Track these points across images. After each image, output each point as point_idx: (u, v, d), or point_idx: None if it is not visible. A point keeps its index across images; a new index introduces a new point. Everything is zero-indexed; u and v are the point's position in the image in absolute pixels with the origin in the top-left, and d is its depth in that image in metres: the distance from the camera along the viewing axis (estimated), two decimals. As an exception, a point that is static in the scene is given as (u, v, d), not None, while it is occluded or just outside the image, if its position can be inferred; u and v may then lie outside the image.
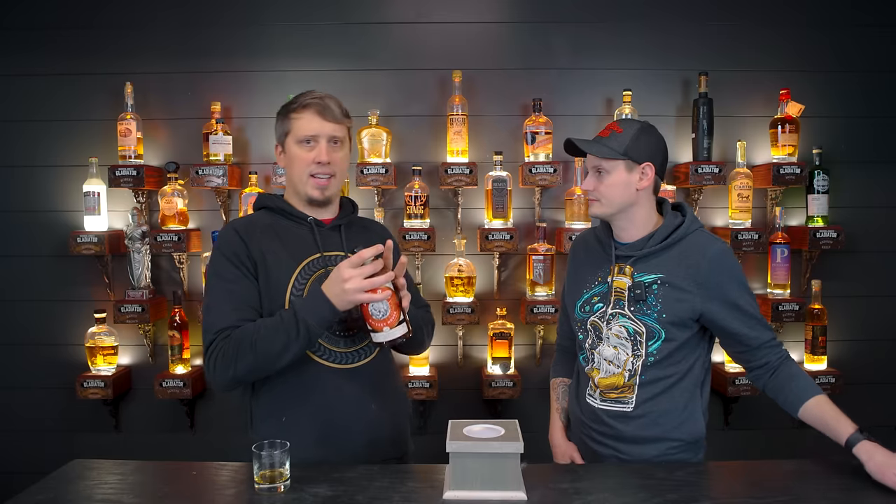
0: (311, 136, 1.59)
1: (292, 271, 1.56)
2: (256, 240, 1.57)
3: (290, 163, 1.62)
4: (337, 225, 1.67)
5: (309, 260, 1.59)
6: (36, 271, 2.79)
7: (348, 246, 1.61)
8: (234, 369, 1.46)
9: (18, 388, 2.81)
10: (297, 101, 1.62)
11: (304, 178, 1.60)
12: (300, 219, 1.64)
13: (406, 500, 1.33)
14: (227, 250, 1.56)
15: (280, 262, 1.56)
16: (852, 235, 2.74)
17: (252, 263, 1.56)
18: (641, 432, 1.60)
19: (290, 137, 1.61)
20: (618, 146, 1.58)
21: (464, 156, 2.67)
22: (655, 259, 1.60)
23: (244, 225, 1.61)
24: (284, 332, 1.44)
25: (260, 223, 1.62)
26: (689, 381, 1.61)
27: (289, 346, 1.44)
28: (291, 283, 1.55)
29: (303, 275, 1.57)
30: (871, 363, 2.81)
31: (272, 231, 1.60)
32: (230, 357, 1.46)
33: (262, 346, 1.44)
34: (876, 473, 1.38)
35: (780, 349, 1.59)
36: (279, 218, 1.64)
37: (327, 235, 1.64)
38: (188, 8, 2.74)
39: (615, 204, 1.61)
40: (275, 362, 1.46)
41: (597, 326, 1.65)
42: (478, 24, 2.76)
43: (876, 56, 2.76)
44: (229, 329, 1.49)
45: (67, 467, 1.51)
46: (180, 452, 2.75)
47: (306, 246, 1.61)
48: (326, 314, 1.45)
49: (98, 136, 2.74)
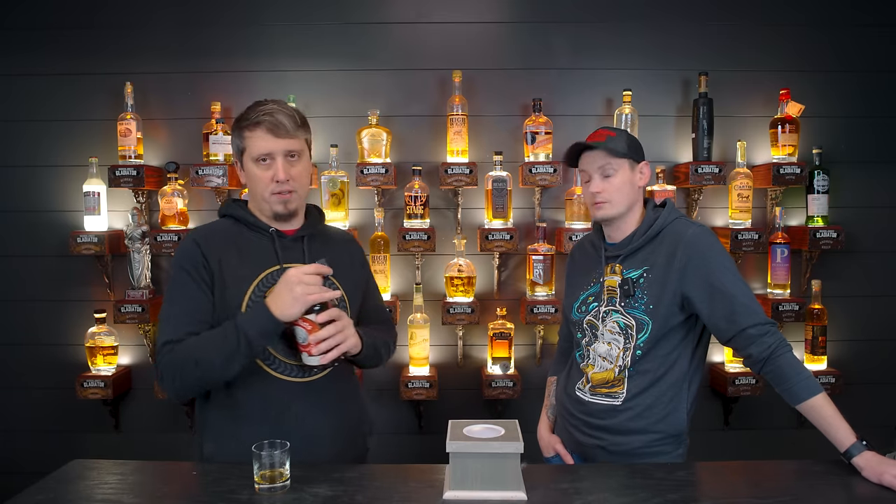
0: (265, 154, 1.55)
1: (249, 283, 1.55)
2: (215, 250, 1.56)
3: (250, 181, 1.59)
4: (300, 236, 1.64)
5: (267, 272, 1.57)
6: (36, 271, 2.79)
7: (310, 258, 1.60)
8: (181, 381, 1.47)
9: (19, 388, 2.81)
10: (248, 116, 1.56)
11: (266, 195, 1.57)
12: (262, 230, 1.61)
13: (406, 500, 1.33)
14: (185, 261, 1.55)
15: (237, 273, 1.55)
16: (852, 235, 2.74)
17: (209, 274, 1.54)
18: (627, 424, 1.64)
19: (247, 156, 1.57)
20: (618, 147, 1.63)
21: (464, 156, 2.67)
22: (641, 253, 1.66)
23: (204, 235, 1.60)
24: (226, 344, 1.44)
25: (220, 233, 1.61)
26: (675, 375, 1.64)
27: (231, 359, 1.44)
28: (248, 296, 1.54)
29: (260, 287, 1.55)
30: (871, 363, 2.81)
31: (232, 242, 1.59)
32: (175, 369, 1.47)
33: (204, 359, 1.45)
34: (873, 477, 1.40)
35: (772, 337, 1.54)
36: (242, 228, 1.62)
37: (288, 247, 1.62)
38: (188, 8, 2.74)
39: (623, 204, 1.66)
40: (220, 374, 1.47)
41: (593, 325, 1.70)
42: (478, 24, 2.76)
43: (875, 56, 2.76)
44: (174, 342, 1.48)
45: (67, 467, 1.51)
46: (180, 452, 2.75)
47: (266, 258, 1.59)
48: (268, 326, 1.44)
49: (98, 136, 2.74)
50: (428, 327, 2.68)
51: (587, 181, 1.69)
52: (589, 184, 1.68)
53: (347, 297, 1.65)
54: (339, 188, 2.62)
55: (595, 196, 1.66)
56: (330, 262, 1.51)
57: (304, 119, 1.62)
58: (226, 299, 1.54)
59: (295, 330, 1.49)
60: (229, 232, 1.61)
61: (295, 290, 1.43)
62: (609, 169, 1.63)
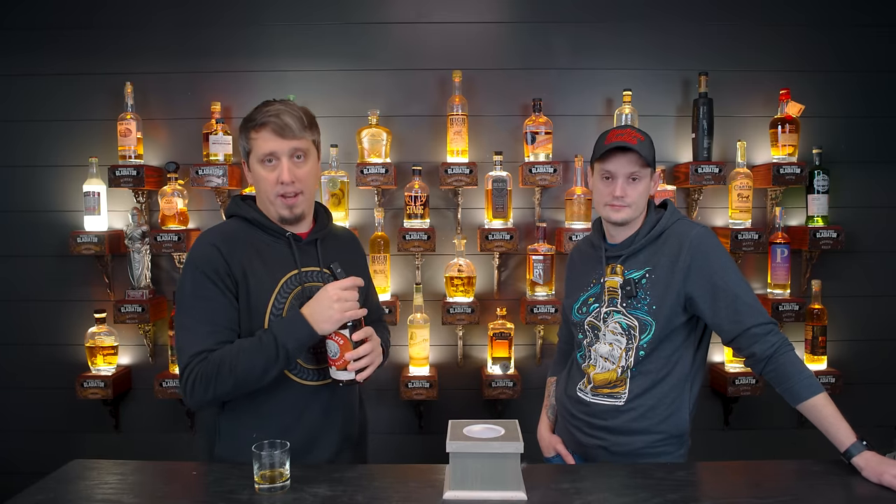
0: (270, 154, 1.53)
1: (272, 290, 1.54)
2: (238, 256, 1.53)
3: (257, 182, 1.58)
4: (313, 239, 1.64)
5: (287, 277, 1.57)
6: (36, 271, 2.79)
7: (324, 261, 1.60)
8: (214, 392, 1.45)
9: (19, 388, 2.81)
10: (254, 117, 1.54)
11: (272, 197, 1.55)
12: (278, 233, 1.59)
13: (406, 500, 1.33)
14: (207, 267, 1.50)
15: (261, 280, 1.54)
16: (852, 235, 2.74)
17: (233, 282, 1.51)
18: (630, 425, 1.64)
19: (252, 156, 1.56)
20: (647, 153, 1.63)
21: (464, 156, 2.67)
22: (643, 254, 1.66)
23: (223, 240, 1.55)
24: (264, 355, 1.44)
25: (239, 238, 1.57)
26: (677, 375, 1.64)
27: (268, 370, 1.45)
28: (271, 303, 1.54)
29: (282, 293, 1.55)
30: (871, 363, 2.81)
31: (252, 247, 1.56)
32: (209, 380, 1.44)
33: (241, 370, 1.44)
34: (873, 477, 1.40)
35: (775, 336, 1.55)
36: (256, 231, 1.59)
37: (304, 251, 1.61)
38: (188, 8, 2.74)
39: (640, 209, 1.67)
40: (256, 383, 1.47)
41: (594, 326, 1.70)
42: (478, 24, 2.76)
43: (875, 56, 2.76)
44: (206, 352, 1.46)
45: (67, 467, 1.52)
46: (180, 452, 2.75)
47: (285, 263, 1.58)
48: (305, 338, 1.46)
49: (98, 136, 2.74)
50: (428, 327, 2.68)
51: (608, 178, 1.65)
52: (611, 184, 1.64)
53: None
54: (339, 188, 2.63)
55: (616, 199, 1.63)
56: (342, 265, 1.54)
57: (313, 119, 1.60)
58: (251, 306, 1.52)
59: (327, 343, 1.51)
60: (246, 235, 1.58)
61: (334, 305, 1.45)
62: (637, 175, 1.63)
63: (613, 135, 1.65)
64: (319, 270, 1.61)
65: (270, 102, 1.57)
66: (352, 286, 1.49)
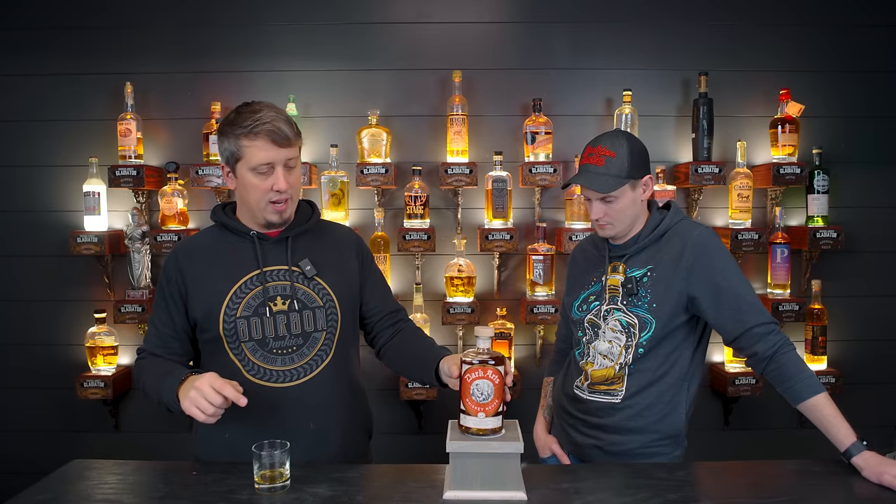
0: (266, 164, 1.50)
1: (226, 292, 1.55)
2: (196, 264, 1.59)
3: (245, 189, 1.54)
4: (283, 237, 1.60)
5: (246, 278, 1.56)
6: (36, 271, 2.79)
7: (293, 260, 1.59)
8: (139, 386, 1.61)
9: (18, 388, 2.81)
10: (245, 124, 1.50)
11: (262, 205, 1.54)
12: (243, 234, 1.60)
13: (406, 500, 1.33)
14: (163, 275, 1.62)
15: (216, 283, 1.55)
16: (852, 235, 2.74)
17: (178, 290, 1.59)
18: (626, 423, 1.64)
19: (242, 164, 1.51)
20: (619, 171, 1.60)
21: (464, 156, 2.67)
22: (645, 253, 1.66)
23: (185, 249, 1.63)
24: (156, 393, 1.50)
25: (202, 244, 1.63)
26: (675, 374, 1.64)
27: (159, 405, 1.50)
28: (225, 304, 1.54)
29: (238, 294, 1.55)
30: (871, 363, 2.81)
31: (211, 251, 1.60)
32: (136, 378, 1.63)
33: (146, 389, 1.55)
34: (873, 477, 1.40)
35: (777, 336, 1.55)
36: (226, 234, 1.61)
37: (270, 249, 1.59)
38: (188, 8, 2.74)
39: (626, 222, 1.66)
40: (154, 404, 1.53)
41: (594, 324, 1.70)
42: (478, 24, 2.76)
43: (876, 56, 2.76)
44: (146, 352, 1.63)
45: (67, 467, 1.52)
46: (180, 452, 2.75)
47: (244, 263, 1.57)
48: (174, 406, 1.45)
49: (98, 136, 2.74)
50: (428, 327, 2.68)
51: (588, 200, 1.67)
52: (591, 204, 1.67)
53: (333, 290, 1.61)
54: (339, 188, 2.63)
55: (596, 221, 1.66)
56: (314, 260, 1.57)
57: (297, 127, 1.58)
58: (203, 311, 1.55)
59: (473, 386, 1.32)
60: (212, 240, 1.62)
61: (190, 394, 1.37)
62: (609, 197, 1.62)
63: (585, 154, 1.66)
64: (287, 268, 1.58)
65: (257, 108, 1.52)
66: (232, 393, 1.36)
